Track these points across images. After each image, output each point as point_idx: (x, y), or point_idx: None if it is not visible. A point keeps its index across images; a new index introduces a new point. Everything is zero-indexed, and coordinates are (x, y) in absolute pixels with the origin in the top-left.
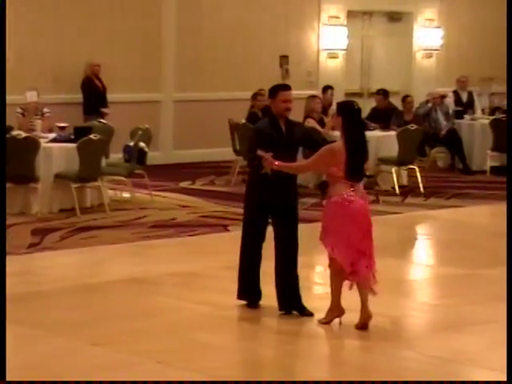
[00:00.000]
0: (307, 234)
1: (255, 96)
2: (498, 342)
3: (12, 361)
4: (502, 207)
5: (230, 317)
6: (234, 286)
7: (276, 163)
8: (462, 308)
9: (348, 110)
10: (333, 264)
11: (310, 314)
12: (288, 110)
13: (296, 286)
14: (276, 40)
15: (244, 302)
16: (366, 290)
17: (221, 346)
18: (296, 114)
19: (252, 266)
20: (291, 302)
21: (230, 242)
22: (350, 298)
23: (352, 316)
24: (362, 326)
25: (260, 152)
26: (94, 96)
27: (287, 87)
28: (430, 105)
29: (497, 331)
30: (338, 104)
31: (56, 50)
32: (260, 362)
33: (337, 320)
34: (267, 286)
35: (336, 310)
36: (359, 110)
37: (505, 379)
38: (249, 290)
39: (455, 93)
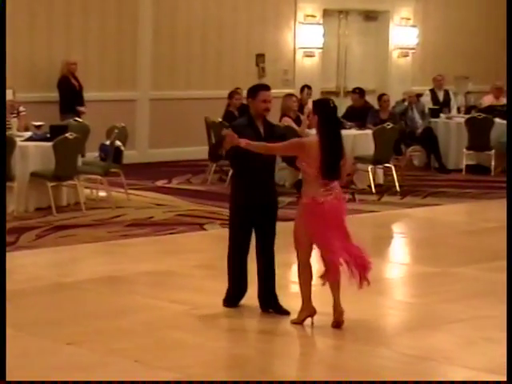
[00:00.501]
0: (283, 232)
1: (232, 95)
2: (473, 341)
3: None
4: (477, 206)
5: (206, 315)
6: (209, 285)
7: (242, 141)
8: (436, 306)
9: (324, 107)
10: (300, 256)
11: (286, 313)
12: (267, 111)
13: (273, 285)
14: (252, 38)
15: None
16: (338, 286)
17: (196, 345)
18: (272, 113)
19: (241, 272)
20: (269, 300)
21: (206, 240)
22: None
23: (326, 315)
24: (337, 324)
25: (225, 131)
26: (70, 95)
27: (267, 87)
28: (406, 104)
29: (472, 329)
30: (314, 102)
31: (31, 48)
32: (235, 361)
33: (309, 320)
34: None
35: (307, 309)
36: (335, 108)
37: (482, 377)
38: (238, 295)
39: (432, 91)
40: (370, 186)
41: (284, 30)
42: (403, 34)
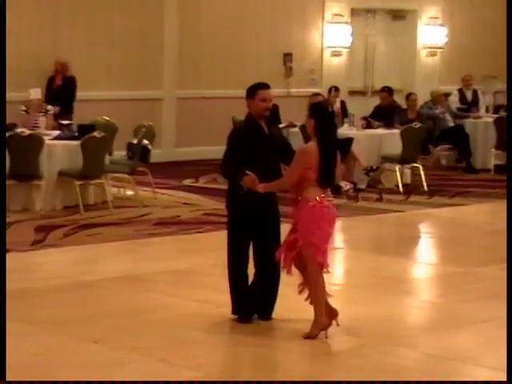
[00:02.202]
0: None
1: None
2: (497, 340)
3: (10, 358)
4: (505, 206)
5: (226, 314)
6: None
7: (261, 186)
8: (461, 306)
9: (321, 112)
10: (317, 263)
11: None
12: (268, 110)
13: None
14: (277, 37)
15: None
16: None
17: (218, 344)
18: (299, 112)
19: (243, 280)
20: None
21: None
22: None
23: (347, 314)
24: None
25: (248, 174)
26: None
27: (266, 86)
28: (437, 111)
29: (495, 329)
30: (311, 106)
31: (55, 48)
32: (257, 360)
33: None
34: None
35: (320, 322)
36: (332, 113)
37: (503, 377)
38: (245, 304)
39: (460, 91)
40: (397, 186)
41: (311, 29)
42: (431, 33)
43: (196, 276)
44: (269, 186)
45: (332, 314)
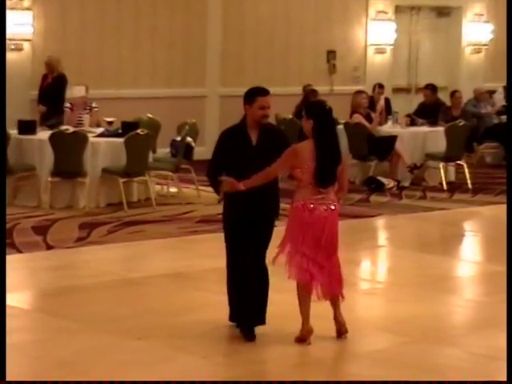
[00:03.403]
0: (352, 229)
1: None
2: None
3: (52, 355)
4: None
5: (272, 312)
6: (276, 281)
7: (241, 185)
8: (505, 305)
9: (318, 111)
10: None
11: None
12: (265, 118)
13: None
14: (320, 35)
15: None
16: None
17: (263, 342)
18: (342, 110)
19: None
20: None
21: (275, 237)
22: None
23: (391, 311)
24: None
25: (223, 178)
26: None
27: (266, 92)
28: (483, 111)
29: None
30: (307, 105)
31: (100, 45)
32: (304, 359)
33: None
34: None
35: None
36: (330, 110)
37: None
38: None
39: (505, 88)
40: (441, 184)
41: (354, 26)
42: (476, 30)
43: None
44: (250, 181)
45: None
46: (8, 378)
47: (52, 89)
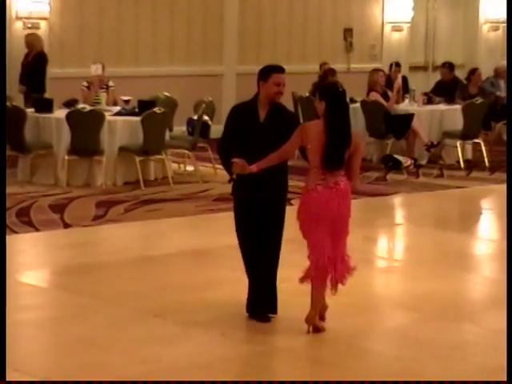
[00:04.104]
0: (369, 207)
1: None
2: None
3: (71, 331)
4: None
5: (288, 289)
6: (295, 258)
7: (253, 167)
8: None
9: (332, 93)
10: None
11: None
12: (279, 95)
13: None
14: (339, 13)
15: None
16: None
17: (282, 318)
18: (359, 88)
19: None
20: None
21: (292, 214)
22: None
23: (412, 289)
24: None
25: (235, 160)
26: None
27: (281, 69)
28: (499, 92)
29: None
30: (320, 87)
31: (119, 22)
32: (320, 336)
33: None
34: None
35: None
36: (343, 93)
37: None
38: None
39: None
40: (458, 162)
41: (372, 3)
42: (494, 7)
43: None
44: (262, 162)
45: (322, 311)
46: (25, 355)
47: (32, 67)
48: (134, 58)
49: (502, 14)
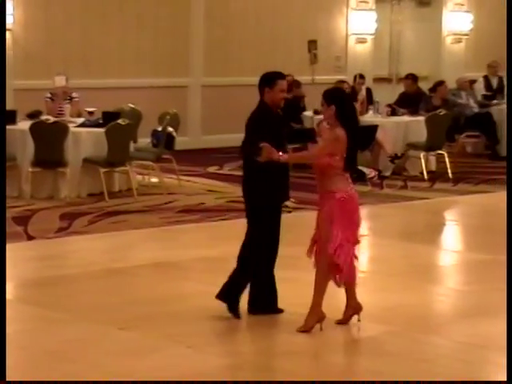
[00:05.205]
0: None
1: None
2: None
3: (39, 344)
4: None
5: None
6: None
7: (283, 156)
8: (488, 294)
9: (340, 97)
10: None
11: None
12: (283, 101)
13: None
14: (304, 24)
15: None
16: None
17: (249, 331)
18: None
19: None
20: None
21: (295, 219)
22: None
23: (373, 300)
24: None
25: (264, 144)
26: None
27: (283, 76)
28: (459, 100)
29: None
30: (326, 93)
31: (85, 34)
32: (289, 348)
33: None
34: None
35: (317, 314)
36: (350, 96)
37: None
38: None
39: (485, 78)
40: (422, 173)
41: (336, 16)
42: (457, 20)
43: (226, 264)
44: (294, 155)
45: (356, 308)
46: None
47: None
48: (101, 69)
49: (465, 27)
